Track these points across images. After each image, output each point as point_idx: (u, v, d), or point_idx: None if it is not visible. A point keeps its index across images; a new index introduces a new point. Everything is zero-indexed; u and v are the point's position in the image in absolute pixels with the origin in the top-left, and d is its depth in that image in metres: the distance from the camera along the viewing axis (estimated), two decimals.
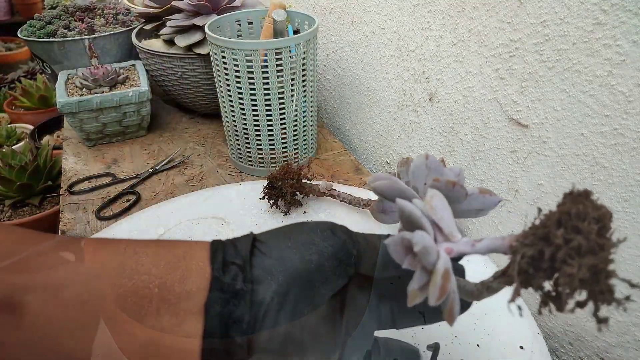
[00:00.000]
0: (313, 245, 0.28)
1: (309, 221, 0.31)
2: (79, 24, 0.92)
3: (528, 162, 0.47)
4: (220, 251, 0.27)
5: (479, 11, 0.47)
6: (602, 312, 0.20)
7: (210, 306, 0.25)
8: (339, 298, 0.29)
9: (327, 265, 0.28)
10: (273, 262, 0.27)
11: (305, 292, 0.27)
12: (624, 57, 0.36)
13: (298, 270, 0.26)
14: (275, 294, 0.25)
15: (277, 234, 0.29)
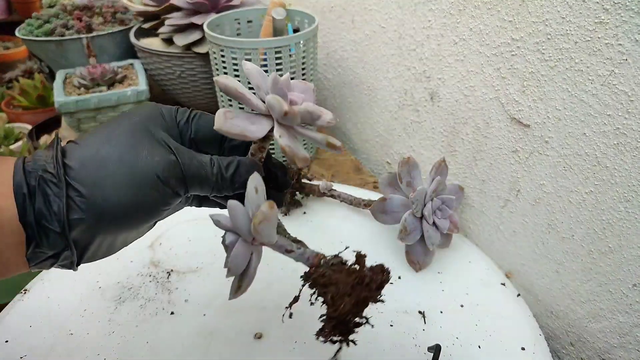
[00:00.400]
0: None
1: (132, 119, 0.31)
2: (77, 23, 0.91)
3: (530, 161, 0.46)
4: (23, 182, 0.26)
5: (480, 10, 0.47)
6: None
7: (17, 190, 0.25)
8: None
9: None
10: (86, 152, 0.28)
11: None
12: (626, 56, 0.35)
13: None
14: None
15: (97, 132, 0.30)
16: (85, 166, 0.27)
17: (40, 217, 0.26)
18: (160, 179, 0.28)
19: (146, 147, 0.28)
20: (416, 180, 0.52)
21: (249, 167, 0.31)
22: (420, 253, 0.51)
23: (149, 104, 0.33)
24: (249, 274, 0.31)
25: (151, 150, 0.28)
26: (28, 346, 0.43)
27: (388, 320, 0.46)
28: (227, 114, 0.29)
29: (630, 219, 0.39)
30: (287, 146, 0.30)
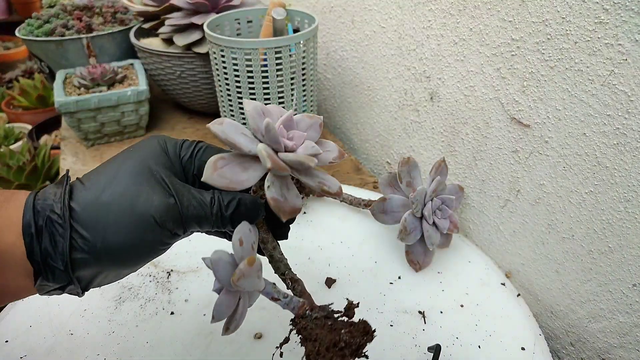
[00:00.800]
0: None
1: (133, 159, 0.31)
2: (77, 23, 0.91)
3: (530, 162, 0.46)
4: (32, 222, 0.28)
5: (480, 10, 0.47)
6: None
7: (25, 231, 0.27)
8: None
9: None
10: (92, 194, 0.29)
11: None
12: (626, 56, 0.35)
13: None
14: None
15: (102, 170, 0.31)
16: (87, 210, 0.28)
17: (47, 256, 0.27)
18: (157, 223, 0.29)
19: (145, 190, 0.29)
20: (416, 180, 0.52)
21: (250, 205, 0.31)
22: (420, 253, 0.51)
23: (154, 139, 0.33)
24: (235, 318, 0.31)
25: (150, 194, 0.29)
26: (28, 346, 0.43)
27: (388, 320, 0.46)
28: (218, 163, 0.29)
29: (630, 219, 0.39)
30: (272, 199, 0.29)
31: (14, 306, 0.47)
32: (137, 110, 0.79)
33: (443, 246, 0.53)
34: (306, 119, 0.34)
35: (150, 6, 0.81)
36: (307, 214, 0.60)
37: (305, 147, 0.32)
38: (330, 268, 0.52)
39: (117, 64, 0.86)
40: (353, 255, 0.54)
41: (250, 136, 0.30)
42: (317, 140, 0.34)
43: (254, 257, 0.29)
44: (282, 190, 0.30)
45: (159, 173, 0.30)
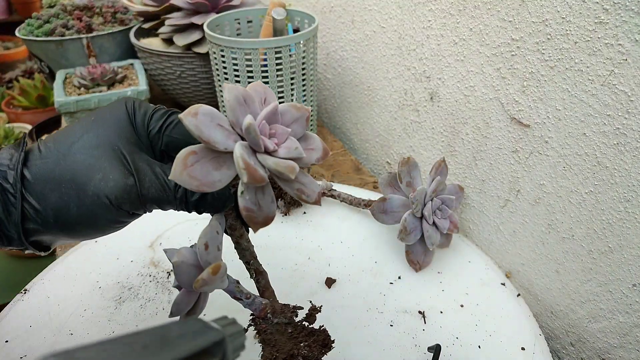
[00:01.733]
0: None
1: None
2: (77, 23, 0.91)
3: (530, 162, 0.46)
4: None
5: (480, 10, 0.47)
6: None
7: None
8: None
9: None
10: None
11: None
12: (626, 56, 0.35)
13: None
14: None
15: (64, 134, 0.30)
16: (40, 183, 0.28)
17: (0, 224, 0.27)
18: (112, 204, 0.27)
19: (103, 167, 0.27)
20: (416, 180, 0.52)
21: (217, 195, 0.29)
22: (420, 253, 0.51)
23: (122, 104, 0.30)
24: (195, 312, 0.31)
25: (107, 172, 0.27)
26: (28, 346, 0.43)
27: (388, 320, 0.46)
28: (188, 160, 0.25)
29: (630, 219, 0.39)
30: (245, 208, 0.27)
31: (14, 306, 0.47)
32: None
33: (443, 246, 0.53)
34: (292, 111, 0.30)
35: (150, 6, 0.81)
36: (307, 214, 0.60)
37: (287, 149, 0.28)
38: (330, 268, 0.52)
39: (117, 64, 0.86)
40: (353, 255, 0.54)
41: (227, 128, 0.27)
42: (302, 135, 0.31)
43: (219, 263, 0.28)
44: (256, 196, 0.27)
45: (120, 148, 0.28)
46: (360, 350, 0.43)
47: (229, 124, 0.27)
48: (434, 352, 0.40)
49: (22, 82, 1.71)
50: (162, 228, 0.56)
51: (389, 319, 0.46)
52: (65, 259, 0.53)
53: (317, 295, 0.48)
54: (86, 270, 0.51)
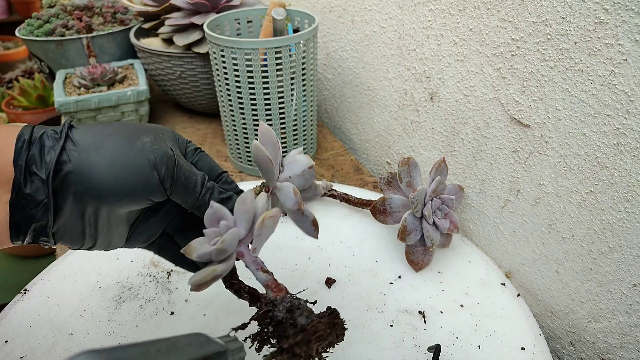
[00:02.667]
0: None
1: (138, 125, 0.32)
2: (77, 23, 0.91)
3: (530, 162, 0.46)
4: (27, 132, 0.28)
5: (480, 10, 0.47)
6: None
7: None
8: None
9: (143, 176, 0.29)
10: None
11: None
12: (626, 56, 0.35)
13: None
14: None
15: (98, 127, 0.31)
16: (89, 133, 0.29)
17: (32, 162, 0.27)
18: (152, 164, 0.29)
19: (151, 136, 0.30)
20: (416, 180, 0.52)
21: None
22: (420, 253, 0.51)
23: (167, 127, 0.35)
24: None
25: (153, 140, 0.29)
26: (28, 346, 0.43)
27: (388, 320, 0.46)
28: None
29: (630, 219, 0.39)
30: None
31: (14, 306, 0.47)
32: (137, 110, 0.79)
33: (443, 246, 0.53)
34: (299, 159, 0.37)
35: (150, 6, 0.81)
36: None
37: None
38: (330, 268, 0.52)
39: (117, 64, 0.86)
40: (353, 255, 0.54)
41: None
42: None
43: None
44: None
45: (166, 139, 0.31)
46: (360, 350, 0.43)
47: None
48: (434, 352, 0.40)
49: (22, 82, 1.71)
50: None
51: (389, 319, 0.46)
52: (65, 259, 0.53)
53: (317, 295, 0.48)
54: (86, 270, 0.51)
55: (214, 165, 0.36)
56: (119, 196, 0.29)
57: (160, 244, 0.37)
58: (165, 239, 0.37)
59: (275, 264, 0.53)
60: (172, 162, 0.30)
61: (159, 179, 0.29)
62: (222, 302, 0.48)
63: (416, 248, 0.51)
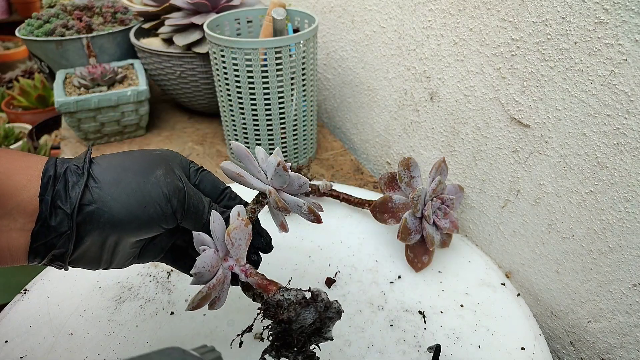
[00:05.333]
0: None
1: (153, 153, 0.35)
2: (77, 23, 0.91)
3: (530, 162, 0.46)
4: (52, 168, 0.30)
5: (480, 10, 0.47)
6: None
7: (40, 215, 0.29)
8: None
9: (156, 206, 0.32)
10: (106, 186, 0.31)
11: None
12: (626, 56, 0.35)
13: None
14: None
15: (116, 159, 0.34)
16: (108, 168, 0.31)
17: (57, 198, 0.29)
18: (166, 197, 0.32)
19: (163, 169, 0.33)
20: (416, 180, 0.52)
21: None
22: (420, 253, 0.51)
23: (167, 150, 0.37)
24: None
25: (165, 173, 0.33)
26: (28, 346, 0.43)
27: (388, 320, 0.46)
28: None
29: (630, 219, 0.39)
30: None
31: (14, 306, 0.47)
32: (137, 110, 0.79)
33: (443, 246, 0.53)
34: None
35: (150, 6, 0.81)
36: None
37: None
38: (330, 268, 0.52)
39: (117, 64, 0.86)
40: (353, 255, 0.54)
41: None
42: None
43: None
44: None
45: (175, 167, 0.35)
46: (360, 349, 0.43)
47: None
48: (434, 352, 0.40)
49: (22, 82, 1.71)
50: None
51: (389, 319, 0.46)
52: None
53: None
54: (86, 270, 0.51)
55: (216, 183, 0.38)
56: (138, 227, 0.31)
57: (173, 257, 0.39)
58: (178, 252, 0.39)
59: (276, 263, 0.53)
60: (182, 194, 0.33)
61: (172, 210, 0.32)
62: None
63: (416, 248, 0.51)
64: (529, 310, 0.47)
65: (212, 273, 0.33)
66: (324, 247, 0.55)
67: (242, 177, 0.38)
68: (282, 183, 0.39)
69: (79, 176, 0.30)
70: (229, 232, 0.33)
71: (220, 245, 0.34)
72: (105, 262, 0.33)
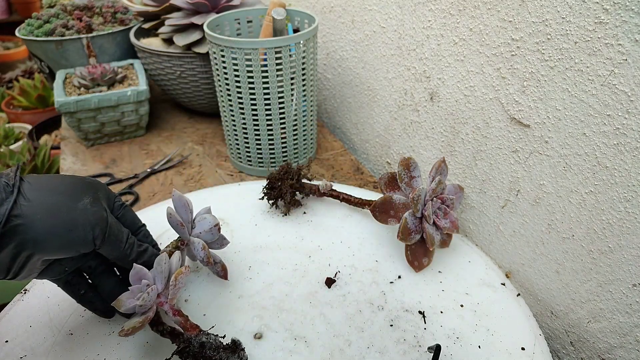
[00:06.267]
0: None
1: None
2: (77, 23, 0.91)
3: (530, 162, 0.46)
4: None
5: (480, 10, 0.47)
6: None
7: None
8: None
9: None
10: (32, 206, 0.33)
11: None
12: (626, 56, 0.35)
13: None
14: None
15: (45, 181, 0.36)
16: (39, 189, 0.33)
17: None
18: (90, 224, 0.35)
19: (90, 198, 0.36)
20: (416, 180, 0.52)
21: (150, 260, 0.42)
22: (420, 253, 0.51)
23: (97, 181, 0.41)
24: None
25: (92, 202, 0.36)
26: (28, 346, 0.43)
27: (388, 320, 0.46)
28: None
29: (630, 219, 0.39)
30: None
31: (14, 306, 0.47)
32: (137, 110, 0.79)
33: (443, 246, 0.52)
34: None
35: (150, 6, 0.81)
36: (307, 214, 0.60)
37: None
38: (330, 268, 0.52)
39: (117, 64, 0.86)
40: (353, 255, 0.54)
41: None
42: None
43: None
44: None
45: (101, 198, 0.38)
46: (360, 349, 0.43)
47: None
48: (434, 352, 0.40)
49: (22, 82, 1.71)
50: (162, 228, 0.56)
51: (389, 319, 0.46)
52: None
53: (318, 295, 0.48)
54: None
55: (135, 219, 0.43)
56: (57, 248, 0.34)
57: (68, 279, 0.41)
58: (74, 277, 0.42)
59: (276, 263, 0.53)
60: (105, 224, 0.37)
61: (92, 237, 0.35)
62: (222, 302, 0.48)
63: (416, 248, 0.51)
64: (529, 310, 0.47)
65: (148, 306, 0.38)
66: (324, 247, 0.55)
67: (182, 227, 0.45)
68: (211, 238, 0.47)
69: (9, 193, 0.32)
70: (176, 275, 0.38)
71: (160, 283, 0.39)
72: (13, 274, 0.35)
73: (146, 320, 0.38)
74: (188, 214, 0.47)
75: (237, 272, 0.51)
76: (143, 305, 0.37)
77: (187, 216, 0.47)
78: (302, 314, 0.46)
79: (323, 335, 0.44)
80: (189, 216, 0.47)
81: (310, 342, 0.43)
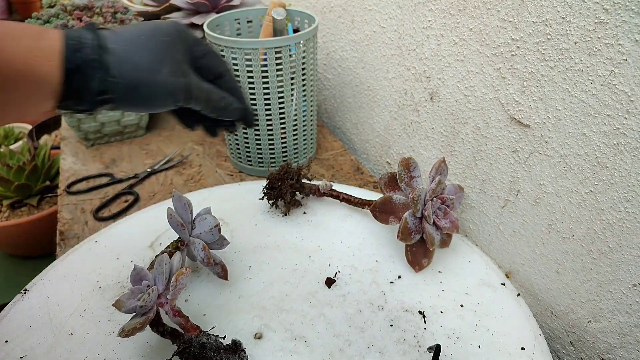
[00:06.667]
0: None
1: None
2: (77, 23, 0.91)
3: (530, 162, 0.46)
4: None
5: (480, 10, 0.47)
6: None
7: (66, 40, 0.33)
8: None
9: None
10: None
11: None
12: (626, 56, 0.35)
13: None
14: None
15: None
16: (125, 59, 0.35)
17: (78, 85, 0.33)
18: (170, 91, 0.37)
19: (169, 65, 0.37)
20: (416, 180, 0.52)
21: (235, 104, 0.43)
22: (420, 253, 0.51)
23: (177, 27, 0.40)
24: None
25: (171, 70, 0.37)
26: (28, 346, 0.43)
27: (388, 320, 0.46)
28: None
29: (630, 219, 0.39)
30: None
31: (14, 306, 0.47)
32: None
33: (443, 246, 0.52)
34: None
35: (150, 6, 0.81)
36: (307, 214, 0.60)
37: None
38: (330, 268, 0.52)
39: None
40: (353, 255, 0.54)
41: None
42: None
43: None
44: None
45: (179, 57, 0.39)
46: (360, 349, 0.43)
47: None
48: (434, 352, 0.40)
49: None
50: (162, 228, 0.56)
51: (389, 319, 0.46)
52: (65, 259, 0.53)
53: (318, 295, 0.48)
54: (86, 270, 0.51)
55: (218, 65, 0.43)
56: (144, 103, 0.37)
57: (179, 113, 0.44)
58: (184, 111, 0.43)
59: (276, 263, 0.53)
60: (182, 94, 0.38)
61: (173, 99, 0.38)
62: (222, 302, 0.48)
63: (416, 248, 0.51)
64: (529, 310, 0.47)
65: (149, 307, 0.38)
66: (324, 247, 0.55)
67: (182, 227, 0.46)
68: (211, 239, 0.47)
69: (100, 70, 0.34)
70: (177, 276, 0.38)
71: (160, 284, 0.40)
72: (144, 100, 0.37)
73: (146, 321, 0.38)
74: (188, 215, 0.47)
75: (237, 272, 0.51)
76: (144, 306, 0.38)
77: (187, 217, 0.47)
78: (302, 314, 0.46)
79: (323, 335, 0.44)
80: (189, 217, 0.47)
81: (310, 342, 0.43)
